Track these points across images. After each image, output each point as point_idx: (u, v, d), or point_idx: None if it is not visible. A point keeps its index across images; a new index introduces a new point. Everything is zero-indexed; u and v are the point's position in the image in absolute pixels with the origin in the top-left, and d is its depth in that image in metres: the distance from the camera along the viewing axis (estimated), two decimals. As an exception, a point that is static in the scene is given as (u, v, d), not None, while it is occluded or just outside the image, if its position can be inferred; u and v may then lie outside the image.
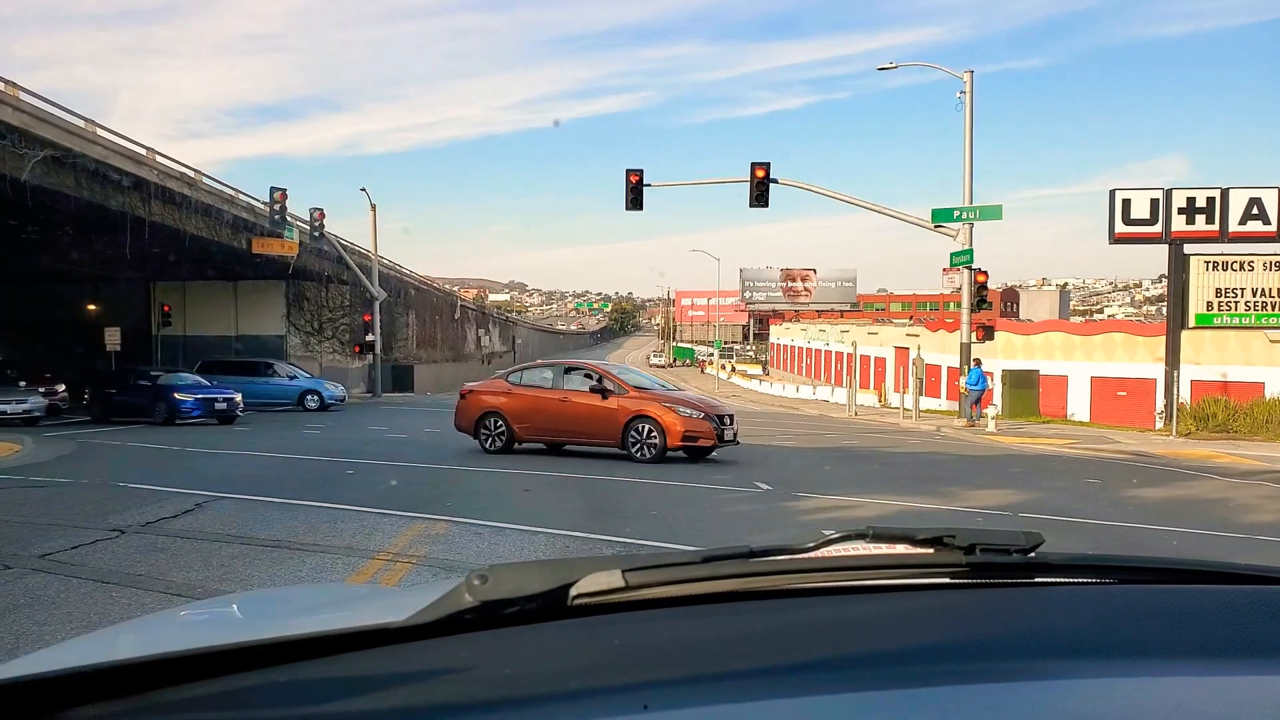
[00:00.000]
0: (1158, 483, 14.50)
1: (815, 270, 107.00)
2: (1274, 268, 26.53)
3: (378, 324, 42.12)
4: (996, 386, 30.38)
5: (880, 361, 54.05)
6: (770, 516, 10.38)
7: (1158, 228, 26.79)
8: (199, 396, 25.23)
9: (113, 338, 35.34)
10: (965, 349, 27.37)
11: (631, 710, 0.87)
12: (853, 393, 37.99)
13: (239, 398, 26.27)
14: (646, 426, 15.33)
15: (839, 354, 60.83)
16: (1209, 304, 26.67)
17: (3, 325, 35.29)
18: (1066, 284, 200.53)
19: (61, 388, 29.94)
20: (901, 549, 1.29)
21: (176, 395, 24.79)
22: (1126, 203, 26.98)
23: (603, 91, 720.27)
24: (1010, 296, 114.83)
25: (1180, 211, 26.58)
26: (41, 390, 27.52)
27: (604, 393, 15.87)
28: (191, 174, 31.00)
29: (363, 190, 43.05)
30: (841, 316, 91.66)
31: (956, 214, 26.87)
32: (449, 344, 68.87)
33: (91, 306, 41.55)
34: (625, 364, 25.82)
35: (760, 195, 25.99)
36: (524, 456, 16.13)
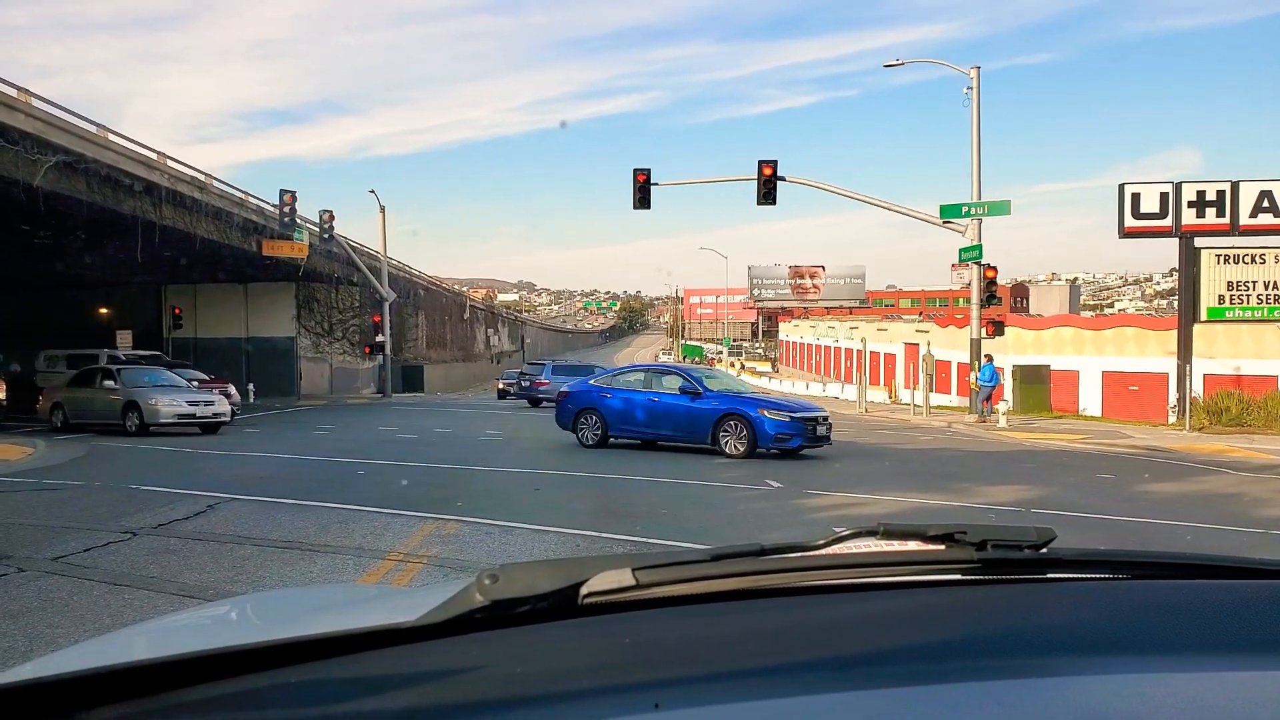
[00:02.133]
0: (1171, 477, 14.44)
1: (824, 267, 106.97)
2: (1286, 260, 26.37)
3: (387, 325, 42.23)
4: (1007, 382, 30.30)
5: (890, 358, 53.91)
6: (781, 514, 10.37)
7: (1168, 221, 26.65)
8: (797, 416, 16.22)
9: (124, 341, 35.53)
10: (975, 344, 27.31)
11: (643, 709, 0.86)
12: (863, 389, 37.93)
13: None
14: None
15: (848, 350, 60.72)
16: (1220, 297, 26.51)
17: (16, 331, 35.47)
18: (1076, 279, 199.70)
19: (232, 389, 26.79)
20: (913, 546, 1.28)
21: (764, 413, 16.04)
22: (1136, 197, 26.85)
23: (611, 92, 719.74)
24: (1020, 292, 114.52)
25: (1190, 205, 26.44)
26: (221, 392, 24.16)
27: None
28: (202, 178, 31.15)
29: (372, 192, 43.21)
30: (850, 313, 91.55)
31: (965, 210, 26.82)
32: (458, 344, 69.03)
33: (103, 310, 41.78)
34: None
35: (768, 193, 25.99)
36: (531, 455, 16.15)
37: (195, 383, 24.32)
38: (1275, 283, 26.36)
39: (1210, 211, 26.41)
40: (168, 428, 20.70)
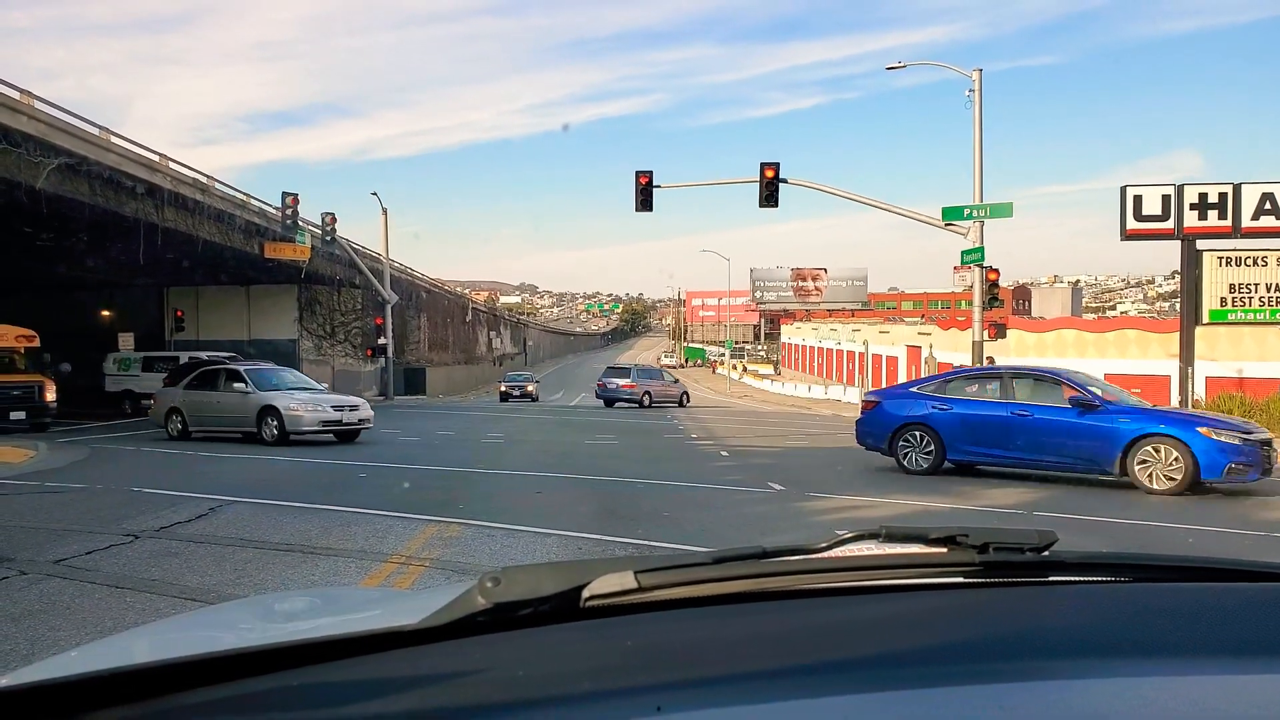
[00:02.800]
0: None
1: (826, 269, 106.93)
2: (1288, 263, 26.38)
3: (389, 327, 42.24)
4: (1009, 385, 30.26)
5: (892, 360, 53.90)
6: (783, 517, 10.36)
7: (1170, 224, 26.67)
8: (1252, 438, 12.37)
9: (126, 343, 35.58)
10: (977, 347, 27.29)
11: (645, 712, 0.87)
12: (865, 392, 37.90)
13: None
14: None
15: (851, 353, 60.75)
16: (1223, 300, 26.52)
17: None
18: (1078, 281, 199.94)
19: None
20: (914, 549, 1.28)
21: (1209, 433, 12.12)
22: (1138, 199, 26.86)
23: (614, 94, 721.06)
24: (1022, 294, 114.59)
25: (1192, 207, 26.46)
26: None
27: None
28: (204, 180, 31.20)
29: (374, 195, 43.22)
30: (853, 315, 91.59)
31: (967, 212, 26.79)
32: (460, 346, 69.05)
33: (105, 312, 41.80)
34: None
35: (770, 195, 25.99)
36: (533, 458, 16.14)
37: (324, 385, 22.58)
38: (1277, 285, 26.36)
39: (1212, 214, 26.42)
40: (308, 436, 18.50)
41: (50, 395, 23.61)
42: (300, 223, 35.10)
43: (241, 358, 27.78)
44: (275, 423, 18.37)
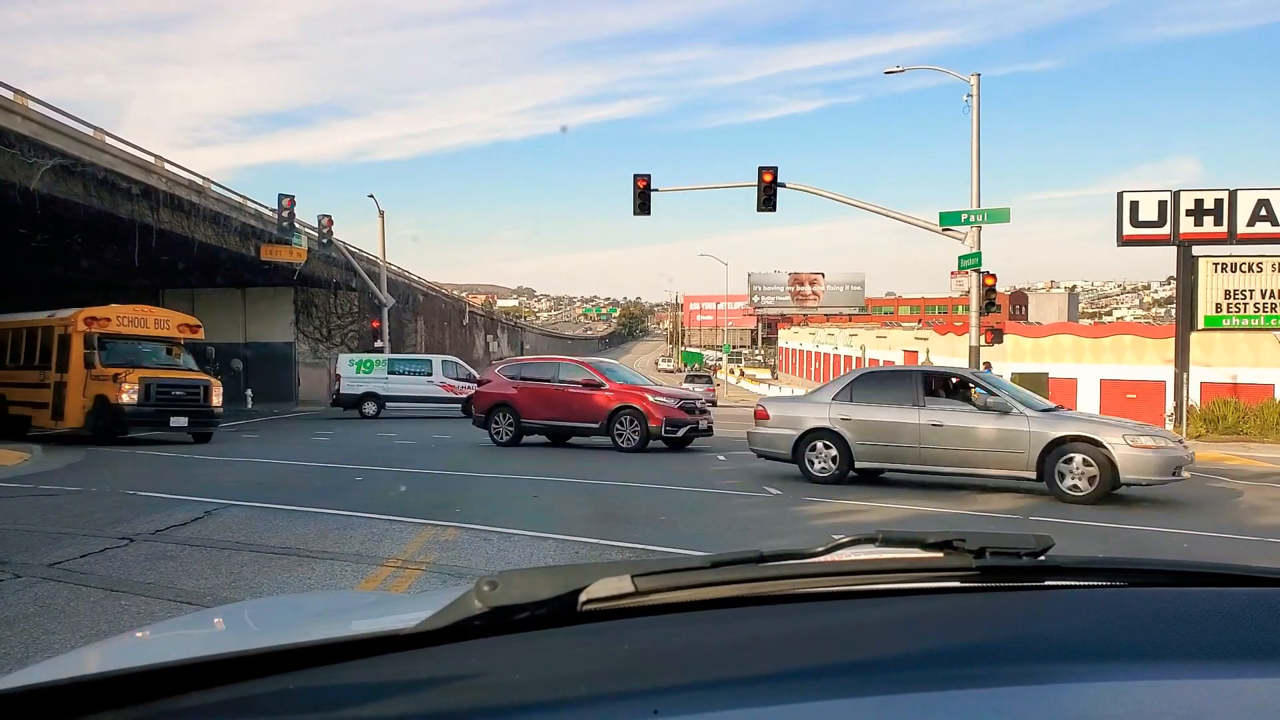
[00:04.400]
0: (1168, 485, 14.41)
1: (823, 274, 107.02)
2: (1284, 269, 26.44)
3: (386, 330, 42.17)
4: (1005, 389, 30.33)
5: (889, 365, 53.94)
6: (780, 521, 10.37)
7: (1166, 229, 26.73)
8: None
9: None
10: (974, 352, 27.31)
11: (641, 715, 0.86)
12: (861, 396, 37.92)
13: None
14: None
15: (848, 358, 60.80)
16: (1218, 306, 26.58)
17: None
18: (1075, 286, 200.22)
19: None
20: (911, 553, 1.28)
21: None
22: (1135, 205, 26.92)
23: (614, 97, 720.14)
24: (1019, 299, 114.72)
25: (1188, 213, 26.53)
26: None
27: None
28: (200, 181, 31.16)
29: (371, 197, 43.16)
30: (850, 320, 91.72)
31: (964, 217, 26.83)
32: (458, 349, 68.88)
33: (101, 315, 41.69)
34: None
35: (768, 200, 26.00)
36: (530, 461, 16.13)
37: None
38: (1272, 291, 26.43)
39: (1208, 220, 26.50)
40: (1141, 490, 12.49)
41: (216, 399, 20.97)
42: (297, 225, 35.06)
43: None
44: (1083, 467, 11.67)
